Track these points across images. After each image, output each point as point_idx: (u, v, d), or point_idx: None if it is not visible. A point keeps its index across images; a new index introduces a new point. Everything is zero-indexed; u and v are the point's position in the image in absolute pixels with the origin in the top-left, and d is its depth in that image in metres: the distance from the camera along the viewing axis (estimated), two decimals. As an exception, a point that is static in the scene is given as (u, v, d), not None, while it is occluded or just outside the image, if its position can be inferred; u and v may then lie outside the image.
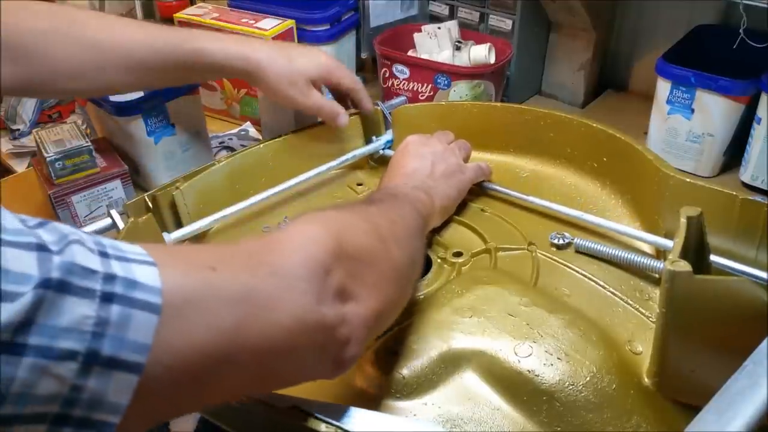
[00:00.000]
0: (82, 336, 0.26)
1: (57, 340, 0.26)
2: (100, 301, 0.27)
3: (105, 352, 0.27)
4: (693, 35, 0.92)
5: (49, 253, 0.27)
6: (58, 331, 0.26)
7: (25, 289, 0.25)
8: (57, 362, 0.26)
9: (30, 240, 0.27)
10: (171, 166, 0.86)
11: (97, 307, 0.27)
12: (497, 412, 0.48)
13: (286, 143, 0.75)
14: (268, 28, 0.97)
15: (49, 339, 0.26)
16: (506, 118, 0.78)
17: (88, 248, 0.28)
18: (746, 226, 0.57)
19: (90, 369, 0.27)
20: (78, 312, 0.26)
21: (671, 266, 0.43)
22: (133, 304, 0.28)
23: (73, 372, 0.26)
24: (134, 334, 0.28)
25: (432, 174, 0.65)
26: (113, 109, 0.81)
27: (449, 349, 0.50)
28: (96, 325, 0.27)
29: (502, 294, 0.54)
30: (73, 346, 0.26)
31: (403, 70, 0.97)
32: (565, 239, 0.65)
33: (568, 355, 0.48)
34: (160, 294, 0.29)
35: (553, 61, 1.08)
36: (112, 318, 0.27)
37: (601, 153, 0.72)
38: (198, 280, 0.31)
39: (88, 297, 0.27)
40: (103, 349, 0.27)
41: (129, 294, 0.28)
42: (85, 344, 0.26)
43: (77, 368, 0.26)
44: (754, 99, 0.82)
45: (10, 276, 0.25)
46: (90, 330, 0.27)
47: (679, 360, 0.47)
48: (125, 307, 0.28)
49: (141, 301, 0.28)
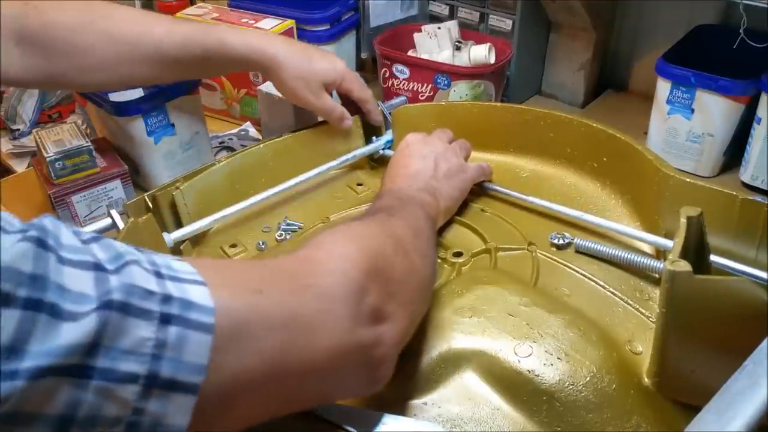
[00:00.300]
0: (143, 358, 0.26)
1: (120, 363, 0.26)
2: (159, 323, 0.27)
3: (164, 374, 0.27)
4: (693, 35, 0.92)
5: (105, 273, 0.27)
6: (120, 353, 0.26)
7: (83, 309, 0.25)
8: (120, 385, 0.26)
9: (87, 258, 0.27)
10: (171, 166, 0.86)
11: (156, 329, 0.27)
12: (497, 412, 0.47)
13: (286, 143, 0.75)
14: (268, 28, 0.97)
15: (113, 362, 0.26)
16: (506, 118, 0.78)
17: (145, 269, 0.28)
18: (746, 226, 0.57)
19: (150, 391, 0.27)
20: (138, 334, 0.26)
21: (671, 266, 0.43)
22: (189, 324, 0.28)
23: (135, 395, 0.26)
24: (190, 355, 0.28)
25: (435, 175, 0.65)
26: (113, 109, 0.81)
27: (449, 349, 0.50)
28: (155, 347, 0.27)
29: (502, 294, 0.54)
30: (134, 368, 0.26)
31: (403, 70, 0.97)
32: (565, 239, 0.65)
33: (568, 355, 0.48)
34: (213, 314, 0.29)
35: (553, 61, 1.08)
36: (170, 339, 0.27)
37: (601, 153, 0.72)
38: (246, 304, 0.32)
39: (147, 319, 0.27)
40: (162, 371, 0.27)
41: (185, 315, 0.28)
42: (145, 366, 0.26)
43: (139, 391, 0.26)
44: (754, 99, 0.82)
45: (72, 295, 0.25)
46: (149, 352, 0.27)
47: (679, 360, 0.47)
48: (182, 328, 0.28)
49: (196, 321, 0.28)
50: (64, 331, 0.24)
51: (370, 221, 0.48)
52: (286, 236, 0.69)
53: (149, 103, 0.82)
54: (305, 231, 0.70)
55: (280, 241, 0.69)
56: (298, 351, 0.33)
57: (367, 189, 0.76)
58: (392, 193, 0.60)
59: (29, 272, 0.24)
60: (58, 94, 1.11)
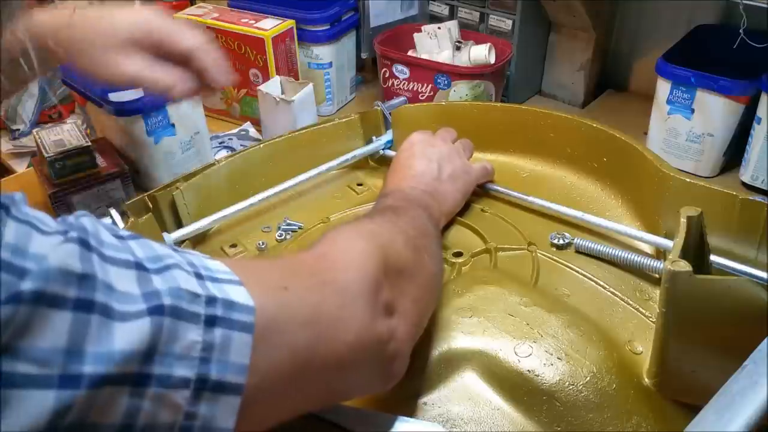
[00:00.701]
0: (193, 362, 0.26)
1: (174, 368, 0.26)
2: (205, 326, 0.27)
3: (213, 377, 0.27)
4: (693, 35, 0.92)
5: (147, 273, 0.27)
6: (174, 359, 0.26)
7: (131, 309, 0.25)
8: (174, 390, 0.26)
9: (128, 257, 0.27)
10: (171, 166, 0.86)
11: (203, 331, 0.27)
12: (497, 412, 0.47)
13: (286, 143, 0.75)
14: (268, 28, 0.97)
15: (168, 367, 0.26)
16: (506, 118, 0.78)
17: (186, 271, 0.28)
18: (746, 226, 0.57)
19: (201, 395, 0.27)
20: (189, 338, 0.27)
21: (671, 266, 0.43)
22: (232, 325, 0.28)
23: (186, 399, 0.26)
24: (235, 356, 0.28)
25: (439, 177, 0.65)
26: (113, 109, 0.81)
27: (449, 349, 0.50)
28: (203, 350, 0.27)
29: (502, 294, 0.54)
30: (185, 373, 0.26)
31: (403, 70, 0.97)
32: (565, 239, 0.65)
33: (568, 355, 0.48)
34: (254, 313, 0.29)
35: (553, 61, 1.08)
36: (216, 341, 0.27)
37: (601, 153, 0.72)
38: (276, 301, 0.32)
39: (195, 322, 0.27)
40: (211, 374, 0.27)
41: (228, 315, 0.28)
42: (195, 370, 0.26)
43: (190, 395, 0.26)
44: (754, 99, 0.82)
45: (119, 295, 0.25)
46: (198, 356, 0.27)
47: (679, 360, 0.47)
48: (226, 329, 0.28)
49: (239, 321, 0.29)
50: (118, 332, 0.24)
51: (380, 219, 0.49)
52: (286, 236, 0.69)
53: (149, 103, 0.82)
54: (305, 231, 0.70)
55: (280, 241, 0.69)
56: (324, 346, 0.34)
57: (367, 189, 0.76)
58: (397, 193, 0.60)
59: (78, 272, 0.24)
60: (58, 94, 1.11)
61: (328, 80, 1.06)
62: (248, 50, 0.98)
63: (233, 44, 0.99)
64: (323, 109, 1.07)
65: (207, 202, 0.67)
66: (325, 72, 1.05)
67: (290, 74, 1.01)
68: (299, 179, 0.72)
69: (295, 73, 1.02)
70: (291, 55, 1.01)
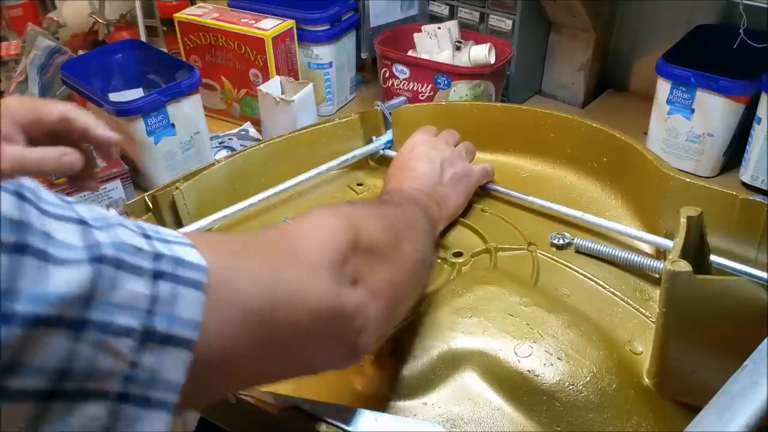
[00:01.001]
0: (137, 313, 0.27)
1: (115, 316, 0.26)
2: (151, 279, 0.28)
3: (159, 329, 0.27)
4: (693, 35, 0.92)
5: (90, 228, 0.27)
6: (115, 307, 0.26)
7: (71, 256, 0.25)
8: (116, 338, 0.26)
9: (71, 214, 0.27)
10: (171, 166, 0.86)
11: (149, 284, 0.27)
12: (497, 412, 0.48)
13: (286, 143, 0.75)
14: (268, 28, 0.97)
15: (108, 315, 0.26)
16: (506, 118, 0.78)
17: (132, 230, 0.29)
18: (746, 226, 0.57)
19: (146, 346, 0.27)
20: (131, 289, 0.27)
21: (671, 266, 0.43)
22: (180, 281, 0.29)
23: (131, 348, 0.26)
24: (184, 311, 0.28)
25: (441, 180, 0.65)
26: (113, 109, 0.81)
27: (449, 349, 0.50)
28: (149, 302, 0.27)
29: (502, 294, 0.54)
30: (129, 322, 0.26)
31: (403, 70, 0.97)
32: (565, 239, 0.65)
33: (568, 355, 0.48)
34: (205, 272, 0.30)
35: (553, 61, 1.08)
36: (163, 295, 0.28)
37: (601, 153, 0.72)
38: (230, 263, 0.32)
39: (139, 274, 0.27)
40: (156, 326, 0.27)
41: (176, 272, 0.29)
42: (140, 321, 0.27)
43: (134, 344, 0.27)
44: (754, 99, 0.82)
45: (58, 243, 0.25)
46: (143, 307, 0.27)
47: (679, 360, 0.47)
48: (174, 284, 0.28)
49: (187, 278, 0.29)
50: (54, 276, 0.24)
51: (361, 205, 0.49)
52: (286, 236, 0.69)
53: (149, 103, 0.82)
54: (305, 231, 0.70)
55: (280, 241, 0.69)
56: (283, 313, 0.34)
57: (367, 189, 0.76)
58: (397, 192, 0.61)
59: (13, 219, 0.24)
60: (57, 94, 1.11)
61: (328, 80, 1.06)
62: (248, 50, 0.98)
63: (233, 44, 0.99)
64: (323, 109, 1.07)
65: (207, 202, 0.67)
66: (325, 72, 1.05)
67: (290, 74, 1.01)
68: (299, 179, 0.72)
69: (295, 73, 1.03)
70: (291, 55, 1.01)
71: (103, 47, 1.07)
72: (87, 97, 0.88)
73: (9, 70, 1.16)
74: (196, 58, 1.04)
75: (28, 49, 1.08)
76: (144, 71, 0.98)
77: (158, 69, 0.96)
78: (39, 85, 1.05)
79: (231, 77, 1.03)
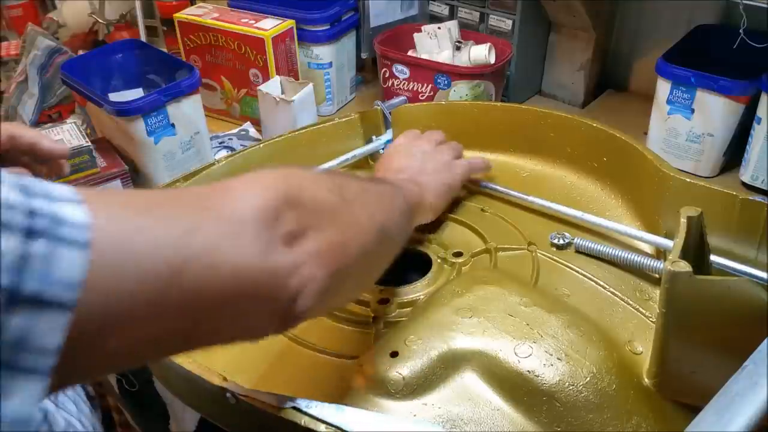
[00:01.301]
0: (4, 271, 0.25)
1: None
2: (23, 236, 0.26)
3: (28, 289, 0.26)
4: (693, 35, 0.92)
5: None
6: None
7: None
8: None
9: None
10: (171, 166, 0.86)
11: (19, 242, 0.26)
12: (497, 412, 0.47)
13: (286, 143, 0.75)
14: (268, 28, 0.97)
15: None
16: (506, 118, 0.78)
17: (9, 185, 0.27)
18: (746, 226, 0.57)
19: (13, 307, 0.25)
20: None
21: (671, 266, 0.43)
22: (58, 240, 0.27)
23: None
24: (61, 271, 0.26)
25: (422, 171, 0.66)
26: (113, 109, 0.81)
27: (449, 349, 0.50)
28: (18, 260, 0.26)
29: (502, 294, 0.54)
30: None
31: (403, 70, 0.97)
32: (565, 239, 0.65)
33: (568, 355, 0.48)
34: (87, 231, 0.28)
35: (553, 61, 1.08)
36: (35, 253, 0.26)
37: (601, 153, 0.72)
38: (128, 222, 0.30)
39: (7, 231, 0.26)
40: (26, 285, 0.26)
41: (54, 231, 0.27)
42: (6, 280, 0.25)
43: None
44: (754, 99, 0.82)
45: None
46: (12, 266, 0.25)
47: (679, 360, 0.47)
48: (50, 243, 0.26)
49: (67, 237, 0.27)
50: None
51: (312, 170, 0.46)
52: (286, 236, 0.69)
53: (149, 103, 0.82)
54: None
55: (280, 241, 0.69)
56: (193, 274, 0.31)
57: (367, 189, 0.76)
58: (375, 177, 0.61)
59: None
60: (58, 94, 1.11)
61: (328, 80, 1.06)
62: (248, 50, 0.98)
63: (233, 44, 0.99)
64: (323, 109, 1.07)
65: (207, 202, 0.67)
66: (325, 72, 1.05)
67: (290, 74, 1.01)
68: (299, 179, 0.72)
69: (295, 73, 1.02)
70: (291, 55, 1.01)
71: (103, 47, 1.06)
72: (87, 97, 0.87)
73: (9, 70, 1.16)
74: (196, 58, 1.04)
75: (28, 49, 1.08)
76: (144, 71, 0.98)
77: (158, 69, 0.96)
78: (39, 85, 1.05)
79: (231, 77, 1.03)
